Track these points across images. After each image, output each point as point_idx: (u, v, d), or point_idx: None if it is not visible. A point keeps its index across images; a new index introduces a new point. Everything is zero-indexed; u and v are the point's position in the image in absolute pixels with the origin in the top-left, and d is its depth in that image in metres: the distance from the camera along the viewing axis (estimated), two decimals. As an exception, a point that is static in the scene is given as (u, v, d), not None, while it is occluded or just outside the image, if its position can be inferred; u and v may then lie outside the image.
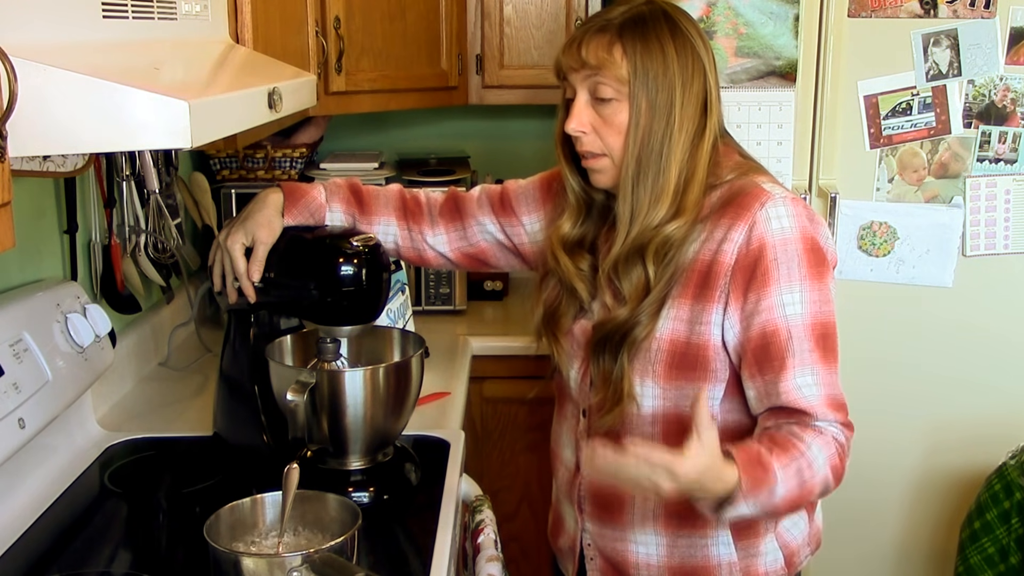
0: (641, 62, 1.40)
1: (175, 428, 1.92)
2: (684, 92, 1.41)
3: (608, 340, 1.47)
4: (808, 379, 1.38)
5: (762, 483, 1.31)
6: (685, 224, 1.42)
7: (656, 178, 1.42)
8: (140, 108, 1.02)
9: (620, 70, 1.40)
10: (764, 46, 2.26)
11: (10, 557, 1.45)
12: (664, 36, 1.41)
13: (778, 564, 1.54)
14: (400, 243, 1.73)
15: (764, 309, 1.38)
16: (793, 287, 1.38)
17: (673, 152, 1.41)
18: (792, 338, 1.38)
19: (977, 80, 2.28)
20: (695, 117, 1.42)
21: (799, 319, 1.38)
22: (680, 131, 1.41)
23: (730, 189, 1.44)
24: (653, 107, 1.41)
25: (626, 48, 1.40)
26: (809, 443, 1.36)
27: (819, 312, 1.40)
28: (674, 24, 1.43)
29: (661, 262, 1.43)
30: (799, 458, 1.35)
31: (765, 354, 1.39)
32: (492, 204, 1.72)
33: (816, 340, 1.39)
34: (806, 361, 1.38)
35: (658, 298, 1.43)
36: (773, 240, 1.38)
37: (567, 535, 1.65)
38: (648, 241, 1.42)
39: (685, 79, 1.41)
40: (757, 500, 1.32)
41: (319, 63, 2.10)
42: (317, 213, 1.67)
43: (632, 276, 1.45)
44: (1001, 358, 2.40)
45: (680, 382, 1.44)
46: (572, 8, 2.68)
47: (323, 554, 1.25)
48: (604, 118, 1.43)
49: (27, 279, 1.76)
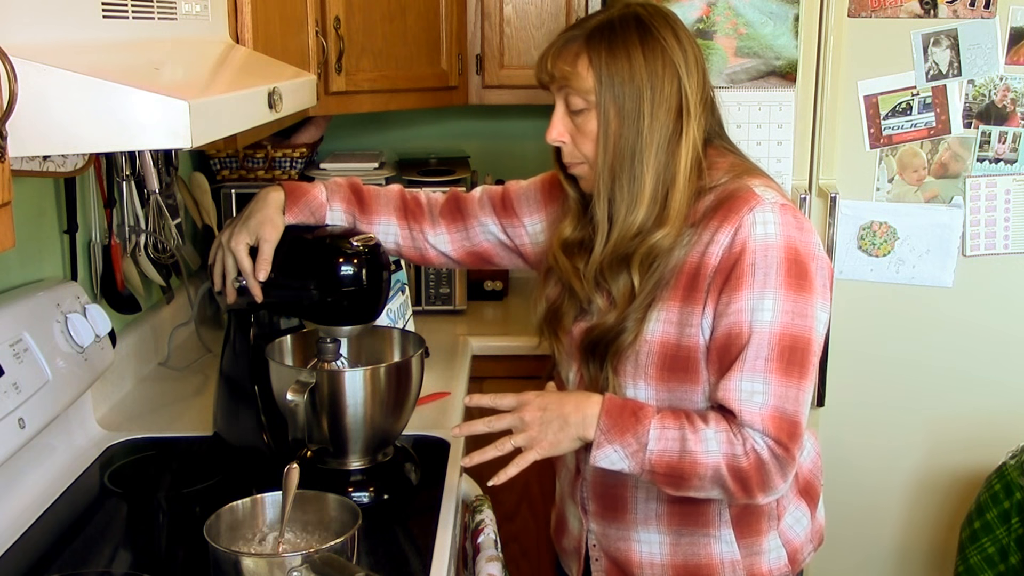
0: (607, 70, 1.40)
1: (175, 428, 1.92)
2: (654, 97, 1.40)
3: (596, 346, 1.48)
4: (756, 387, 1.36)
5: (627, 430, 1.36)
6: (671, 233, 1.41)
7: (631, 184, 1.41)
8: (140, 108, 1.02)
9: (585, 82, 1.41)
10: (764, 46, 2.26)
11: (10, 557, 1.45)
12: (632, 42, 1.40)
13: (782, 561, 1.54)
14: (401, 242, 1.73)
15: (733, 312, 1.38)
16: (766, 294, 1.37)
17: (646, 158, 1.41)
18: (751, 344, 1.36)
19: (977, 80, 2.28)
20: (668, 122, 1.41)
21: (765, 327, 1.36)
22: (652, 137, 1.40)
23: (723, 192, 1.43)
24: (621, 114, 1.40)
25: (592, 58, 1.41)
26: (711, 426, 1.36)
27: (791, 324, 1.37)
28: (645, 29, 1.42)
29: (647, 271, 1.43)
30: (687, 428, 1.36)
31: (725, 353, 1.39)
32: (494, 205, 1.72)
33: (780, 351, 1.36)
34: (758, 368, 1.36)
35: (643, 304, 1.43)
36: (754, 245, 1.37)
37: (571, 536, 1.65)
38: (633, 250, 1.43)
39: (655, 84, 1.40)
40: (625, 448, 1.36)
41: (319, 63, 2.10)
42: (318, 212, 1.67)
43: (619, 283, 1.45)
44: (1001, 358, 2.40)
45: (672, 384, 1.44)
46: (572, 8, 2.68)
47: (323, 554, 1.25)
48: (578, 127, 1.44)
49: (27, 279, 1.76)
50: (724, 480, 1.36)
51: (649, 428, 1.36)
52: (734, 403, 1.36)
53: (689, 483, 1.38)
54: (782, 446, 1.36)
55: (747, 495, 1.38)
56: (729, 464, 1.35)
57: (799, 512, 1.57)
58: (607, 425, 1.37)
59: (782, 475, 1.38)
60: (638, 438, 1.36)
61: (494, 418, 1.43)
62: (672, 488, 1.40)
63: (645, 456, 1.36)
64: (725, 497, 1.41)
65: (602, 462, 1.38)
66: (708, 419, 1.37)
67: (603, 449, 1.37)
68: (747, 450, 1.35)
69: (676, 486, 1.39)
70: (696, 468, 1.36)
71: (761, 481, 1.37)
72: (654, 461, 1.36)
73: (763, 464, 1.36)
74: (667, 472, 1.37)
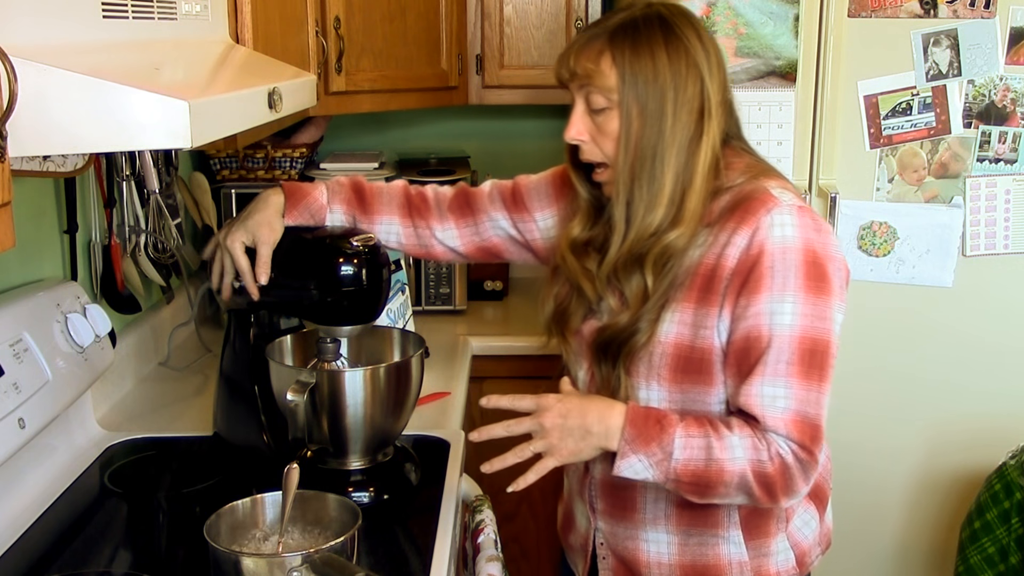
0: (630, 69, 1.39)
1: (175, 428, 1.92)
2: (677, 98, 1.39)
3: (608, 346, 1.47)
4: (778, 391, 1.35)
5: (652, 440, 1.34)
6: (686, 233, 1.40)
7: (651, 184, 1.40)
8: (140, 108, 1.02)
9: (608, 80, 1.40)
10: (764, 46, 2.26)
11: (10, 557, 1.45)
12: (656, 41, 1.39)
13: (790, 564, 1.53)
14: (404, 240, 1.72)
15: (752, 315, 1.37)
16: (786, 297, 1.36)
17: (667, 158, 1.40)
18: (772, 347, 1.35)
19: (977, 80, 2.28)
20: (690, 123, 1.40)
21: (785, 330, 1.36)
22: (673, 137, 1.39)
23: (739, 193, 1.42)
24: (644, 114, 1.39)
25: (615, 56, 1.39)
26: (735, 432, 1.35)
27: (810, 327, 1.36)
28: (669, 28, 1.41)
29: (660, 271, 1.42)
30: (712, 435, 1.34)
31: (744, 357, 1.38)
32: (504, 199, 1.71)
33: (801, 354, 1.36)
34: (780, 372, 1.35)
35: (656, 305, 1.42)
36: (772, 247, 1.37)
37: (578, 533, 1.65)
38: (647, 250, 1.41)
39: (678, 85, 1.39)
40: (650, 458, 1.34)
41: (319, 63, 2.10)
42: (318, 214, 1.67)
43: (632, 283, 1.44)
44: (1001, 358, 2.40)
45: (685, 385, 1.43)
46: (572, 8, 2.68)
47: (323, 554, 1.25)
48: (598, 126, 1.43)
49: (27, 279, 1.76)
50: (750, 486, 1.35)
51: (674, 437, 1.35)
52: (756, 408, 1.35)
53: (715, 491, 1.37)
54: (805, 450, 1.36)
55: (771, 500, 1.38)
56: (755, 470, 1.35)
57: (808, 515, 1.56)
58: (631, 435, 1.35)
59: (805, 479, 1.37)
60: (663, 447, 1.34)
61: (513, 422, 1.41)
62: (696, 496, 1.38)
63: (670, 465, 1.35)
64: (748, 502, 1.40)
65: (626, 472, 1.37)
66: (731, 425, 1.36)
67: (627, 459, 1.35)
68: (772, 455, 1.35)
69: (701, 494, 1.38)
70: (723, 476, 1.34)
71: (785, 485, 1.36)
72: (679, 470, 1.35)
73: (788, 468, 1.35)
74: (693, 481, 1.36)
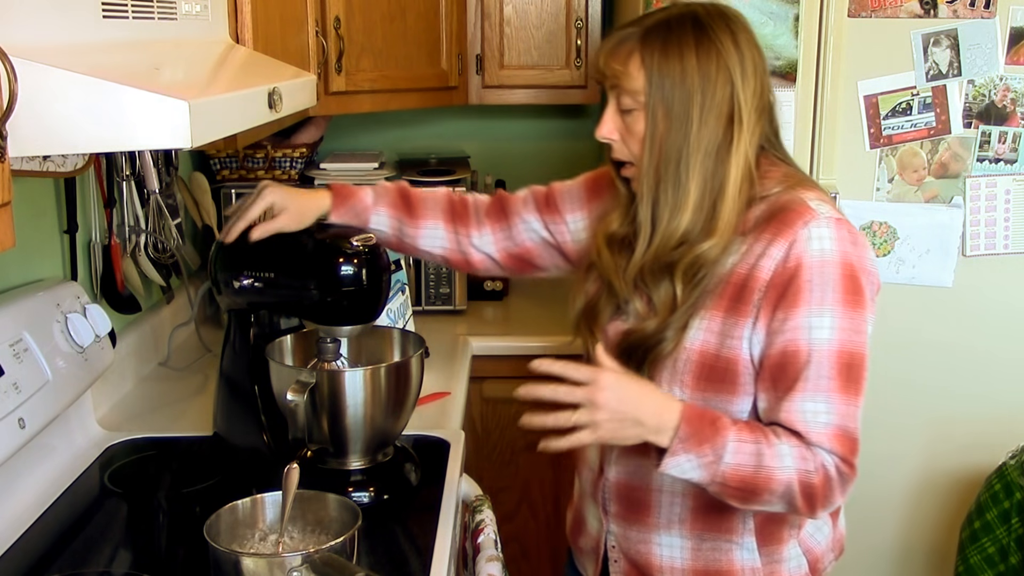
0: (658, 71, 1.37)
1: (175, 428, 1.92)
2: (704, 102, 1.37)
3: (634, 351, 1.45)
4: (819, 406, 1.34)
5: (705, 441, 1.31)
6: (719, 244, 1.38)
7: (676, 188, 1.39)
8: (140, 108, 1.02)
9: (635, 82, 1.39)
10: (764, 46, 2.23)
11: (10, 557, 1.45)
12: (686, 43, 1.37)
13: (802, 570, 1.52)
14: (447, 246, 1.73)
15: (790, 329, 1.35)
16: (824, 311, 1.34)
17: (692, 163, 1.38)
18: (812, 362, 1.34)
19: (977, 80, 2.28)
20: (718, 129, 1.38)
21: (824, 344, 1.34)
22: (699, 142, 1.37)
23: (775, 204, 1.40)
24: (669, 116, 1.38)
25: (644, 58, 1.38)
26: (784, 441, 1.34)
27: (848, 341, 1.35)
28: (702, 30, 1.38)
29: (691, 281, 1.40)
30: (763, 442, 1.33)
31: (782, 372, 1.36)
32: (537, 202, 1.72)
33: (839, 369, 1.35)
34: (821, 388, 1.34)
35: (685, 314, 1.41)
36: (811, 261, 1.35)
37: (589, 536, 1.64)
38: (678, 259, 1.40)
39: (706, 88, 1.37)
40: (700, 459, 1.31)
41: (319, 63, 2.10)
42: (363, 215, 1.68)
43: (661, 290, 1.43)
44: (1001, 358, 2.40)
45: (708, 393, 1.42)
46: (572, 8, 2.67)
47: (323, 554, 1.25)
48: (627, 126, 1.42)
49: (27, 279, 1.76)
50: (794, 496, 1.34)
51: (727, 440, 1.32)
52: (799, 424, 1.34)
53: (759, 497, 1.35)
54: (847, 463, 1.36)
55: (810, 510, 1.37)
56: (802, 480, 1.34)
57: (820, 520, 1.54)
58: (686, 434, 1.32)
59: (843, 491, 1.37)
60: (715, 450, 1.32)
61: (564, 389, 1.32)
62: (739, 500, 1.37)
63: (719, 468, 1.32)
64: (786, 510, 1.39)
65: (672, 470, 1.34)
66: (779, 434, 1.35)
67: (676, 457, 1.32)
68: (818, 467, 1.34)
69: (745, 499, 1.36)
70: (770, 483, 1.33)
71: (825, 497, 1.36)
72: (728, 474, 1.33)
73: (830, 481, 1.35)
74: (739, 486, 1.34)
